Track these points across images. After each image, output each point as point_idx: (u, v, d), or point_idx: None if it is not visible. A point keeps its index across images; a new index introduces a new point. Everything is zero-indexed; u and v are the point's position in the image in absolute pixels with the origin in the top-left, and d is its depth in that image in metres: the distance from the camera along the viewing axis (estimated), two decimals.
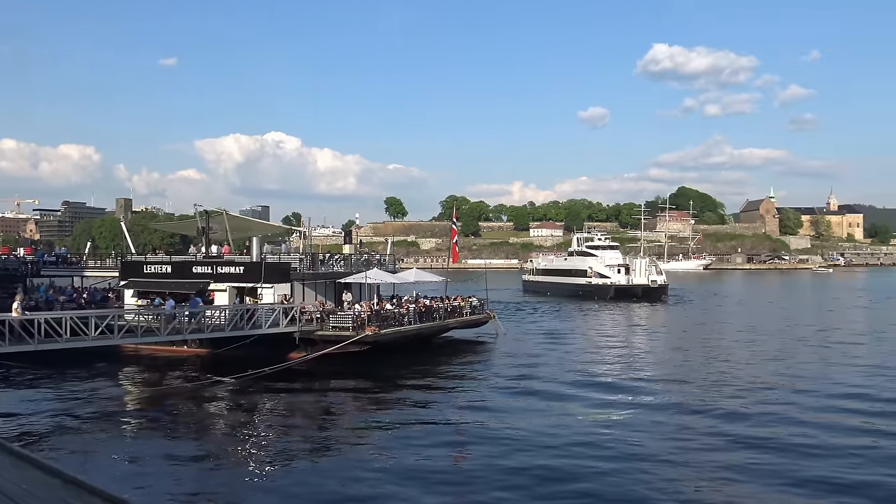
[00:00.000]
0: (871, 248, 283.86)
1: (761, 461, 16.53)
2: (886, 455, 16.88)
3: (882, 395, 23.85)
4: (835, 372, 29.20)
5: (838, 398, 23.65)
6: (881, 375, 27.81)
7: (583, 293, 80.00)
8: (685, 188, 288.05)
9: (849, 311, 64.53)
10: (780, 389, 25.22)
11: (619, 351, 37.38)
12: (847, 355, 33.75)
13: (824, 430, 19.28)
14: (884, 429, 19.11)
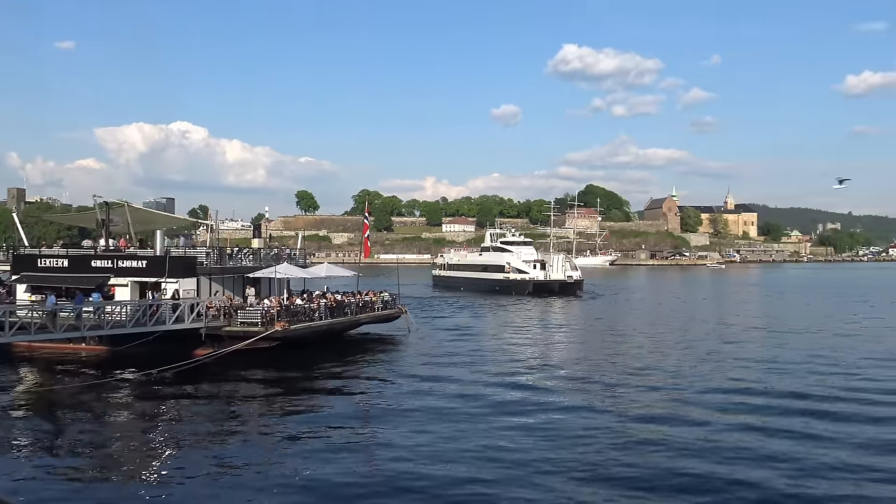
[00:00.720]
0: (764, 246, 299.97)
1: (661, 463, 16.48)
2: (773, 452, 17.15)
3: (775, 390, 24.73)
4: (732, 367, 30.01)
5: (735, 393, 24.20)
6: (775, 372, 28.77)
7: (500, 288, 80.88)
8: (593, 186, 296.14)
9: (745, 305, 67.88)
10: (686, 388, 25.04)
11: (533, 346, 37.50)
12: (743, 351, 34.98)
13: (716, 428, 19.43)
14: (774, 426, 19.45)
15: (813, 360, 31.09)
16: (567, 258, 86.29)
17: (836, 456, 16.73)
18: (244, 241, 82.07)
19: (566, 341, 40.02)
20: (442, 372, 28.38)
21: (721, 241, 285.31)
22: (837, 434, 18.68)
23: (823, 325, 47.83)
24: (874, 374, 28.08)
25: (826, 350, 34.63)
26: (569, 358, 33.35)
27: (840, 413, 20.99)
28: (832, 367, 29.32)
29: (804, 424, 19.70)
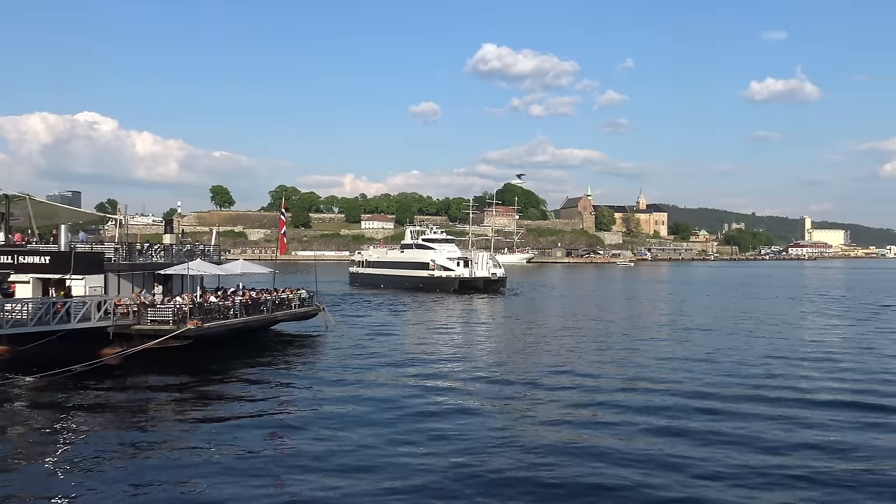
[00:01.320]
0: (674, 245, 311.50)
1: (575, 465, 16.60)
2: (681, 454, 17.38)
3: (684, 389, 25.42)
4: (645, 366, 30.69)
5: (645, 393, 24.74)
6: (685, 370, 29.47)
7: (424, 286, 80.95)
8: (511, 185, 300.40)
9: (657, 303, 70.05)
10: (600, 391, 24.98)
11: (454, 346, 37.00)
12: (655, 349, 35.75)
13: (631, 430, 19.67)
14: (684, 427, 19.82)
15: (719, 358, 32.08)
16: (491, 256, 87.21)
17: (742, 458, 16.91)
18: (155, 237, 79.58)
19: (487, 340, 39.74)
20: (359, 372, 28.05)
21: (633, 240, 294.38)
22: (743, 435, 18.95)
23: (730, 321, 49.86)
24: (780, 370, 29.06)
25: (731, 347, 35.91)
26: (489, 358, 32.87)
27: (745, 413, 21.33)
28: (739, 364, 30.23)
29: (711, 424, 19.98)
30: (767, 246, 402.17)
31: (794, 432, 19.01)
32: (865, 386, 25.61)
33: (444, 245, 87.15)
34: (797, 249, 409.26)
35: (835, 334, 42.02)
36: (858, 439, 18.37)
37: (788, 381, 26.44)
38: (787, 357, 32.26)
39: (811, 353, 33.37)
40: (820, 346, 36.29)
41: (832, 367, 29.49)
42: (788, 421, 20.22)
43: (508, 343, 38.31)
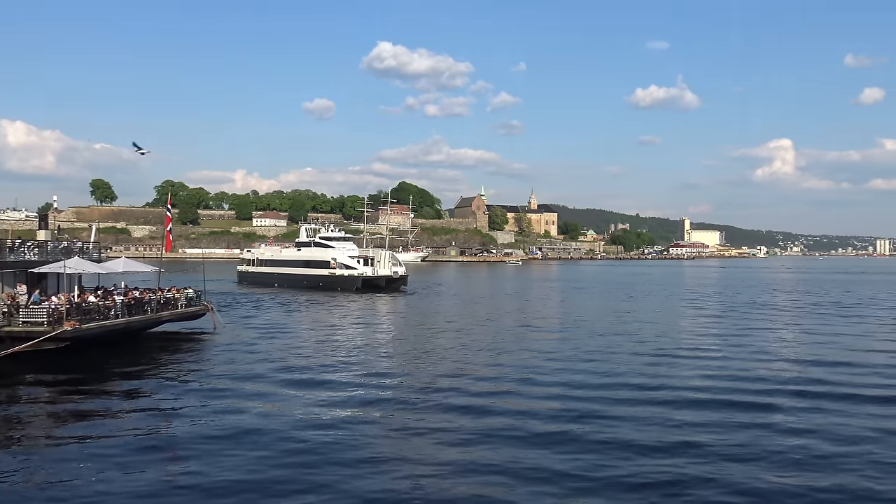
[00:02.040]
0: (563, 244, 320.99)
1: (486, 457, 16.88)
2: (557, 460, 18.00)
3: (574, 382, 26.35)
4: (537, 364, 31.16)
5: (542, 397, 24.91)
6: (572, 368, 30.13)
7: (325, 284, 79.71)
8: (406, 183, 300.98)
9: (547, 301, 71.91)
10: (492, 390, 24.88)
11: (350, 346, 35.74)
12: (546, 346, 36.56)
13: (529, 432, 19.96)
14: (573, 429, 20.07)
15: (601, 356, 32.67)
16: (392, 254, 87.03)
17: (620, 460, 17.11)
18: (28, 232, 74.77)
19: (387, 342, 38.48)
20: (249, 376, 26.78)
21: (525, 239, 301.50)
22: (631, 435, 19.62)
23: (614, 319, 51.73)
24: (660, 369, 29.78)
25: (613, 346, 36.65)
26: (386, 359, 31.79)
27: (624, 415, 21.78)
28: (621, 363, 30.74)
29: (599, 426, 20.26)
30: (650, 246, 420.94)
31: (669, 433, 19.56)
32: (734, 384, 25.96)
33: (343, 243, 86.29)
34: (677, 249, 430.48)
35: (710, 332, 44.19)
36: (731, 437, 19.11)
37: (667, 379, 26.80)
38: (665, 355, 32.93)
39: (689, 352, 34.28)
40: (696, 343, 37.47)
41: (710, 366, 29.96)
42: (665, 420, 20.75)
43: (407, 344, 37.39)
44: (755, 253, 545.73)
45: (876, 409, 22.06)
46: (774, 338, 40.52)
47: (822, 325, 47.47)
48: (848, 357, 32.69)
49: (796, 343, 38.34)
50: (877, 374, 28.45)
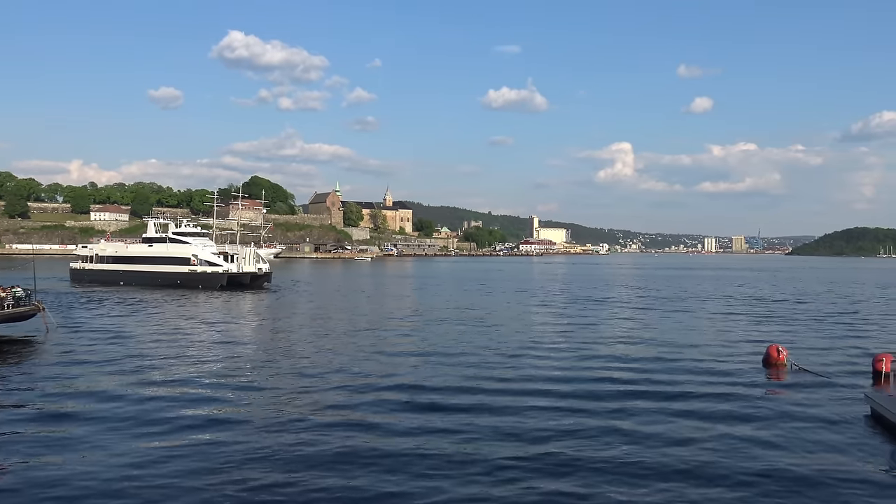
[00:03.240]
0: (418, 241, 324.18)
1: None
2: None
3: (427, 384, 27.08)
4: (393, 363, 31.82)
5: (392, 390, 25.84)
6: (430, 365, 31.34)
7: (184, 282, 76.18)
8: (258, 178, 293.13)
9: (403, 298, 72.55)
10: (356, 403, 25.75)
11: (204, 347, 34.18)
12: (401, 343, 37.07)
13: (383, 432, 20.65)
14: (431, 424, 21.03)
15: (455, 352, 33.96)
16: (256, 250, 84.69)
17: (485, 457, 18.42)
18: None
19: (246, 341, 36.93)
20: (88, 382, 25.10)
21: (380, 236, 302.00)
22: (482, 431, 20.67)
23: (471, 314, 53.15)
24: (521, 363, 31.39)
25: (466, 341, 38.09)
26: (240, 360, 30.61)
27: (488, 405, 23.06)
28: (482, 357, 31.93)
29: (458, 419, 21.27)
30: (502, 242, 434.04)
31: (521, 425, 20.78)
32: (573, 374, 28.00)
33: (199, 239, 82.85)
34: (527, 246, 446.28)
35: (551, 326, 46.51)
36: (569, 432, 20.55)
37: (515, 376, 27.62)
38: (509, 351, 34.25)
39: (536, 346, 35.83)
40: (536, 340, 39.12)
41: (551, 363, 31.00)
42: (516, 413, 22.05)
43: (266, 342, 36.46)
44: (598, 250, 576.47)
45: (682, 405, 24.26)
46: (611, 332, 43.26)
47: (657, 319, 51.21)
48: (672, 352, 35.55)
49: (629, 338, 41.11)
50: (688, 371, 31.17)
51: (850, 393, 24.46)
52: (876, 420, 20.50)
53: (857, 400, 23.07)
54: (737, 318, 52.25)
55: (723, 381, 26.87)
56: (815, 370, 28.92)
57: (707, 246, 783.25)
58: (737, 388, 25.40)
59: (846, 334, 42.21)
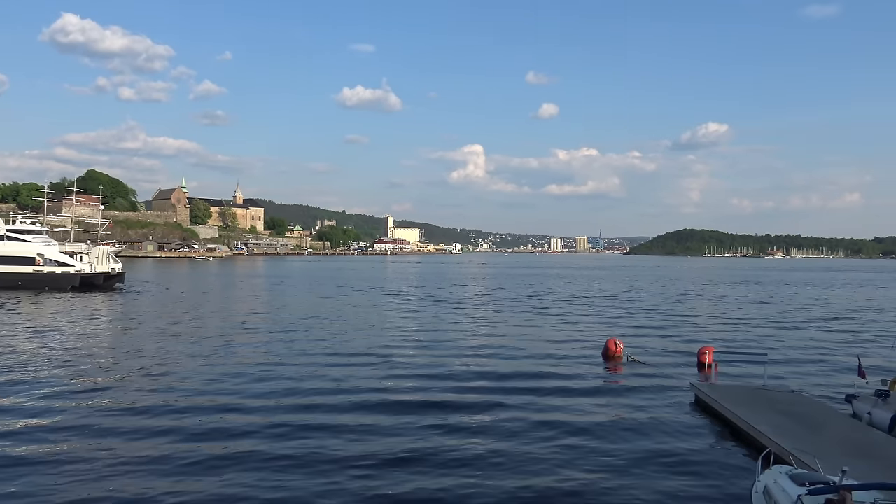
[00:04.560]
0: (270, 239, 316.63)
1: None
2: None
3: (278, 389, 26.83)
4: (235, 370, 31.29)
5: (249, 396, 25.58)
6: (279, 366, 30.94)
7: (27, 283, 70.09)
8: (95, 172, 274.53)
9: (254, 299, 70.80)
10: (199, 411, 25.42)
11: (49, 353, 32.22)
12: (251, 347, 36.40)
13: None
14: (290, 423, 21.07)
15: (303, 356, 33.87)
16: (108, 249, 79.66)
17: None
18: None
19: (95, 344, 35.12)
20: None
21: (230, 234, 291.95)
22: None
23: (322, 314, 52.85)
24: (366, 363, 31.69)
25: (328, 342, 38.06)
26: (84, 365, 29.28)
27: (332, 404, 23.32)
28: (324, 360, 32.07)
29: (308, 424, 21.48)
30: (356, 242, 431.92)
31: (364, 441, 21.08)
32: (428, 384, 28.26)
33: (40, 237, 76.37)
34: (381, 245, 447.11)
35: (406, 325, 47.32)
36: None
37: (352, 381, 27.21)
38: (357, 351, 34.64)
39: (383, 347, 36.20)
40: (392, 337, 40.03)
41: (399, 364, 31.14)
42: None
43: (113, 346, 34.86)
44: (451, 249, 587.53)
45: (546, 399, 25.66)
46: (458, 331, 44.61)
47: (504, 317, 53.25)
48: (517, 348, 37.24)
49: (476, 336, 42.60)
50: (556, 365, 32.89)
51: (678, 382, 26.80)
52: (699, 406, 22.64)
53: (684, 388, 25.31)
54: (580, 314, 55.36)
55: (565, 373, 28.72)
56: (648, 362, 31.41)
57: (553, 246, 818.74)
58: (577, 381, 27.28)
59: (676, 328, 45.92)
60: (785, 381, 26.54)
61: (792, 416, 19.25)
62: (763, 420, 18.74)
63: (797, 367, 31.01)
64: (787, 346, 38.17)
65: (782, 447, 15.74)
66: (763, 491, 12.37)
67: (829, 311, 60.68)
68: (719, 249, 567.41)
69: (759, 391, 22.95)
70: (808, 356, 34.51)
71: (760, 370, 25.91)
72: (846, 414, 20.88)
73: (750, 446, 17.65)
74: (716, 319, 52.47)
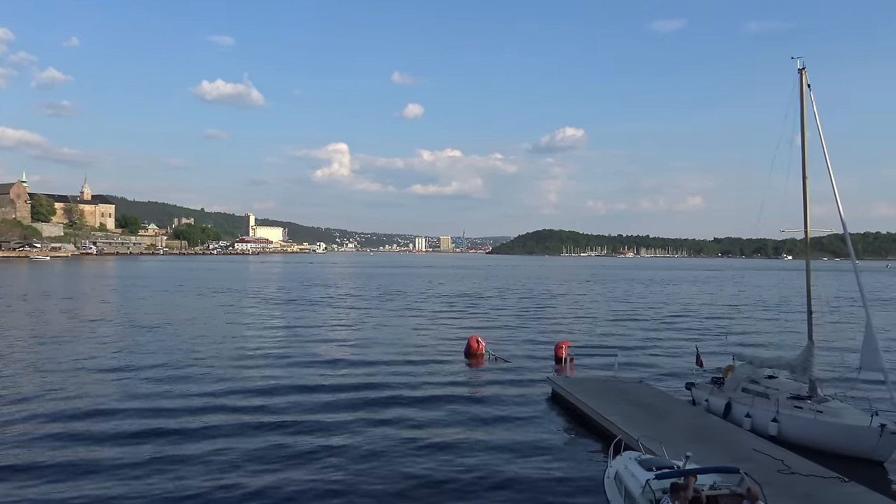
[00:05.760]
0: (122, 238, 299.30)
1: None
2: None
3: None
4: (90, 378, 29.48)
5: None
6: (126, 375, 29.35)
7: None
8: None
9: (102, 304, 66.72)
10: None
11: None
12: (98, 355, 34.10)
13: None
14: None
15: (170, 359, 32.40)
16: None
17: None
18: None
19: None
20: None
21: (77, 233, 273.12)
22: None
23: (176, 319, 50.68)
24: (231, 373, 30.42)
25: (177, 352, 35.57)
26: None
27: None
28: (181, 367, 30.36)
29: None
30: (216, 241, 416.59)
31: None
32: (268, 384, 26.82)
33: None
34: (243, 245, 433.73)
35: (268, 329, 46.14)
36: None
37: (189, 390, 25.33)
38: (211, 357, 33.33)
39: (243, 352, 34.51)
40: (251, 342, 38.79)
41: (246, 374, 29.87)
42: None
43: None
44: (315, 249, 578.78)
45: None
46: (323, 333, 44.23)
47: (370, 317, 53.15)
48: (383, 348, 37.30)
49: (341, 339, 42.30)
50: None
51: (536, 376, 27.82)
52: (555, 398, 23.57)
53: (541, 382, 26.26)
54: (444, 312, 56.22)
55: (429, 370, 29.21)
56: (509, 358, 32.32)
57: (418, 245, 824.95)
58: (441, 377, 27.85)
59: (536, 325, 47.55)
60: (634, 373, 28.11)
61: (639, 406, 20.42)
62: (613, 410, 19.76)
63: (645, 359, 33.00)
64: (637, 339, 40.54)
65: (630, 435, 16.64)
66: (614, 477, 13.03)
67: (675, 307, 64.89)
68: (576, 249, 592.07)
69: (610, 382, 24.20)
70: (656, 348, 36.80)
71: (612, 363, 27.41)
72: (687, 401, 22.44)
73: (602, 435, 18.55)
74: (572, 316, 54.80)
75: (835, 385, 20.41)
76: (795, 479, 13.99)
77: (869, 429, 16.44)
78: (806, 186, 19.92)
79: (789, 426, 17.96)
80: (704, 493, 11.06)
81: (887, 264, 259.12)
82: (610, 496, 12.97)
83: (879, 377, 17.59)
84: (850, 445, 16.73)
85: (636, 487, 11.74)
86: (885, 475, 15.80)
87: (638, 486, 11.72)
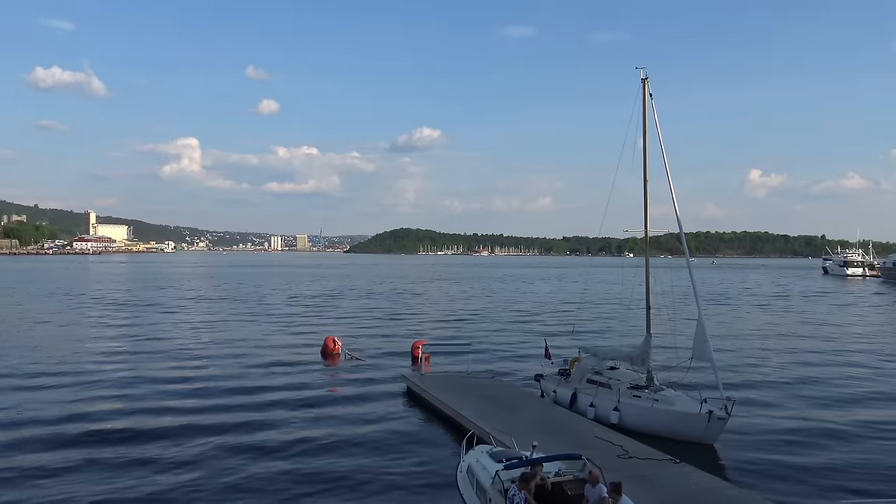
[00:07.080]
0: None
1: None
2: None
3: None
4: None
5: None
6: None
7: None
8: None
9: None
10: None
11: None
12: None
13: None
14: None
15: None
16: None
17: None
18: None
19: None
20: None
21: None
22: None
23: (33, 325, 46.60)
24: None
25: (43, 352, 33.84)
26: None
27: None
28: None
29: None
30: (52, 240, 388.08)
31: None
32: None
33: None
34: (82, 244, 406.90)
35: (110, 336, 43.48)
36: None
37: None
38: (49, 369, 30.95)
39: (84, 364, 32.84)
40: (92, 350, 36.67)
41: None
42: None
43: None
44: (163, 248, 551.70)
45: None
46: (175, 336, 42.42)
47: (224, 319, 51.35)
48: (240, 350, 36.27)
49: (194, 343, 40.74)
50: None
51: (392, 374, 27.96)
52: (410, 395, 23.80)
53: (397, 379, 26.43)
54: (301, 312, 55.32)
55: (286, 371, 28.82)
56: (365, 357, 32.32)
57: (274, 244, 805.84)
58: (298, 377, 27.51)
59: (393, 324, 47.76)
60: (487, 368, 28.88)
61: (491, 400, 20.99)
62: (466, 405, 20.20)
63: (498, 354, 34.06)
64: (491, 334, 41.74)
65: (483, 429, 17.07)
66: (467, 470, 13.27)
67: (525, 304, 67.26)
68: (432, 248, 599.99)
69: (464, 378, 24.76)
70: (508, 343, 38.02)
71: (466, 359, 28.06)
72: (536, 394, 23.33)
73: (456, 429, 18.91)
74: (429, 314, 55.56)
75: (670, 374, 21.91)
76: (633, 463, 14.91)
77: (698, 415, 17.79)
78: (647, 189, 21.26)
79: (628, 414, 19.11)
80: (549, 481, 11.51)
81: (713, 261, 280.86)
82: (462, 490, 13.21)
83: (709, 366, 19.10)
84: (682, 430, 18.03)
85: (486, 479, 12.02)
86: (712, 456, 17.15)
87: (488, 477, 12.00)
